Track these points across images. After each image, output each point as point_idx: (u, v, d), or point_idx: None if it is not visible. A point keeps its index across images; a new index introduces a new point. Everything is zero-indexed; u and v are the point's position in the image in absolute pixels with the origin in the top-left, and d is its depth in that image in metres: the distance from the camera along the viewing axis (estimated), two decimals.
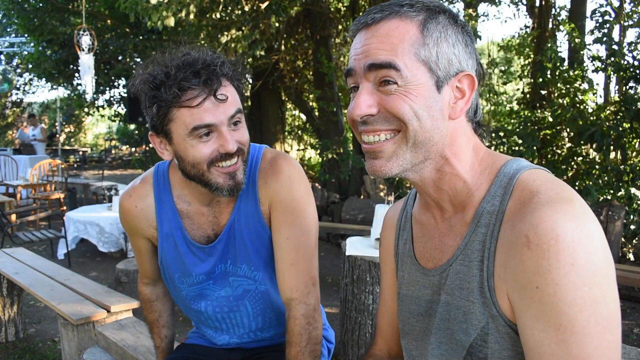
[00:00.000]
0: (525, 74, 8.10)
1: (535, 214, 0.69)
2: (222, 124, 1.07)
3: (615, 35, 7.15)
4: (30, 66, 13.02)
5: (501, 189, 0.78)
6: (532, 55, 8.16)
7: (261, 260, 1.28)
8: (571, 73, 6.09)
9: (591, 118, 5.66)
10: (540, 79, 6.32)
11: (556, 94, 6.32)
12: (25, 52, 13.26)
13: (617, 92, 6.90)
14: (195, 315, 1.40)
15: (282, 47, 8.85)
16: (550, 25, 7.87)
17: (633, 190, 5.22)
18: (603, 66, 5.85)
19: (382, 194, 7.24)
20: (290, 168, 1.23)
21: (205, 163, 1.09)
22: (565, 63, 6.35)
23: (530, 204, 0.72)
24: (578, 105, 5.98)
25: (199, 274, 1.29)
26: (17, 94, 17.79)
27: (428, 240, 0.91)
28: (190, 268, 1.29)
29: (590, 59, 6.09)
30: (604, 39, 5.66)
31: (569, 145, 6.11)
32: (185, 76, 1.04)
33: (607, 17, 6.15)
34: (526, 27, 9.55)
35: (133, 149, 21.47)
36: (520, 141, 5.63)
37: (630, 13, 7.07)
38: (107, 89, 14.13)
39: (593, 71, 6.02)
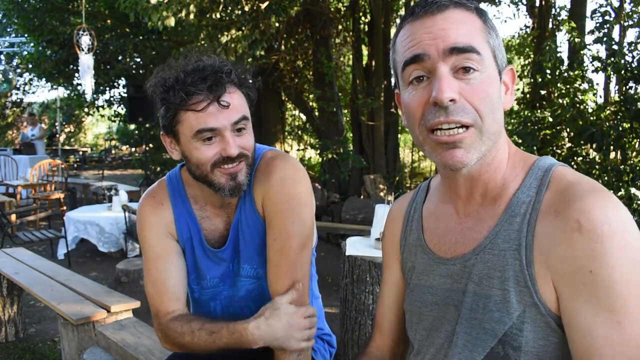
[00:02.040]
0: (525, 74, 8.09)
1: (585, 200, 0.71)
2: (225, 128, 1.11)
3: (615, 35, 7.15)
4: (30, 66, 12.98)
5: (537, 181, 0.79)
6: (532, 55, 8.16)
7: (264, 258, 1.29)
8: (571, 73, 6.08)
9: (591, 118, 5.65)
10: (540, 79, 6.31)
11: (556, 94, 6.31)
12: (25, 52, 13.25)
13: (617, 92, 6.89)
14: (203, 315, 1.41)
15: (282, 47, 8.85)
16: (550, 25, 7.86)
17: (633, 190, 5.21)
18: (603, 66, 5.84)
19: (382, 194, 7.24)
20: (286, 169, 1.21)
21: (208, 164, 1.13)
22: (565, 63, 6.34)
23: (574, 192, 0.73)
24: (578, 105, 5.96)
25: (213, 277, 1.32)
26: (17, 94, 17.77)
27: (446, 232, 0.89)
28: (205, 271, 1.32)
29: (590, 59, 6.08)
30: (604, 39, 5.65)
31: (569, 145, 6.09)
32: (193, 81, 1.09)
33: (607, 17, 6.14)
34: (526, 27, 9.57)
35: (133, 149, 21.43)
36: (520, 141, 5.61)
37: (630, 13, 7.07)
38: (107, 89, 14.10)
39: (593, 71, 6.01)
